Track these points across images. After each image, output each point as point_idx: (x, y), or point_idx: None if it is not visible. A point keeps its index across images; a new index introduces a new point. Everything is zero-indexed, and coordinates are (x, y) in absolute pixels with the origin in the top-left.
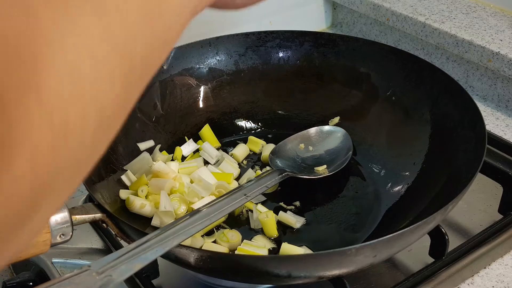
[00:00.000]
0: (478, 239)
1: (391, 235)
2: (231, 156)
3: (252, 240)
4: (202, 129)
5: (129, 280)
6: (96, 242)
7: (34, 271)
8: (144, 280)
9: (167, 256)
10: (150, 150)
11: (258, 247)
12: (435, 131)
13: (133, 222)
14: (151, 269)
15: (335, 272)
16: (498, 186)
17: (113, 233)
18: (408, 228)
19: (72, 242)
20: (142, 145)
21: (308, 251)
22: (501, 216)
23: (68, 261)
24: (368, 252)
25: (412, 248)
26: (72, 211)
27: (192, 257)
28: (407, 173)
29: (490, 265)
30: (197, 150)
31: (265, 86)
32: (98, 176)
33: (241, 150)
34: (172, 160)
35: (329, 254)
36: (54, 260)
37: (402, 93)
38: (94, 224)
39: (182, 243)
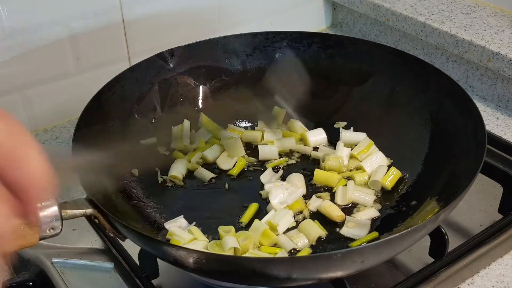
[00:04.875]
0: (478, 239)
1: (378, 241)
2: None
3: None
4: (202, 120)
5: (129, 280)
6: (96, 242)
7: (34, 271)
8: (144, 280)
9: (165, 258)
10: (151, 149)
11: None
12: (437, 136)
13: (124, 218)
14: (151, 269)
15: (322, 275)
16: (498, 186)
17: (105, 228)
18: (397, 234)
19: (72, 242)
20: (144, 143)
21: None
22: (501, 216)
23: (68, 261)
24: (355, 257)
25: (412, 248)
26: (63, 205)
27: (190, 259)
28: (406, 175)
29: (490, 265)
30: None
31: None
32: (92, 172)
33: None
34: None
35: (314, 258)
36: (54, 260)
37: (408, 97)
38: (95, 224)
39: (181, 245)
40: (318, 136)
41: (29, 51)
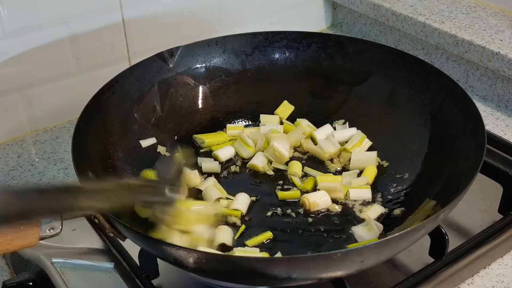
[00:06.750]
0: (478, 239)
1: (378, 241)
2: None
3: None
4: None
5: (129, 280)
6: (96, 242)
7: (34, 271)
8: (144, 280)
9: (165, 258)
10: (152, 148)
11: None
12: (437, 136)
13: (124, 218)
14: (151, 269)
15: (322, 275)
16: (498, 186)
17: (105, 228)
18: (397, 234)
19: (72, 242)
20: (144, 143)
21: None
22: (501, 216)
23: (68, 261)
24: (355, 257)
25: (412, 248)
26: None
27: (190, 259)
28: (406, 175)
29: (490, 265)
30: None
31: (271, 86)
32: (94, 172)
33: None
34: None
35: (314, 258)
36: (54, 260)
37: (408, 97)
38: (95, 224)
39: (181, 245)
40: (326, 133)
41: (29, 51)
